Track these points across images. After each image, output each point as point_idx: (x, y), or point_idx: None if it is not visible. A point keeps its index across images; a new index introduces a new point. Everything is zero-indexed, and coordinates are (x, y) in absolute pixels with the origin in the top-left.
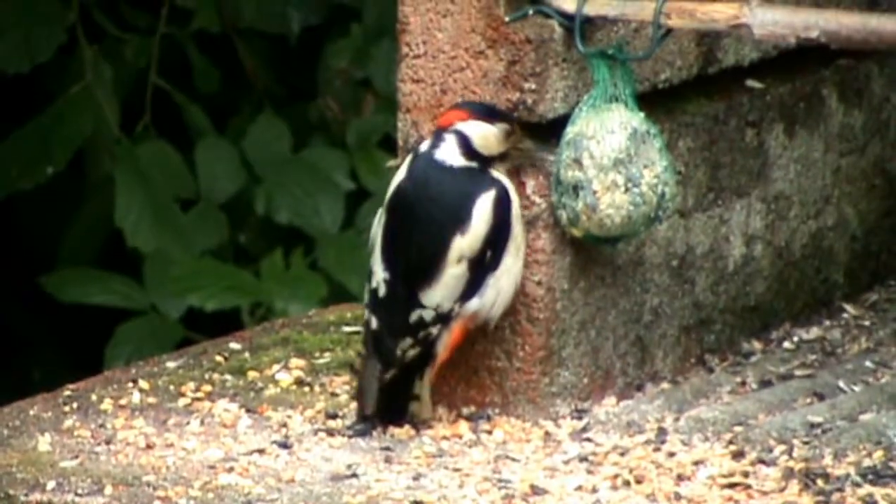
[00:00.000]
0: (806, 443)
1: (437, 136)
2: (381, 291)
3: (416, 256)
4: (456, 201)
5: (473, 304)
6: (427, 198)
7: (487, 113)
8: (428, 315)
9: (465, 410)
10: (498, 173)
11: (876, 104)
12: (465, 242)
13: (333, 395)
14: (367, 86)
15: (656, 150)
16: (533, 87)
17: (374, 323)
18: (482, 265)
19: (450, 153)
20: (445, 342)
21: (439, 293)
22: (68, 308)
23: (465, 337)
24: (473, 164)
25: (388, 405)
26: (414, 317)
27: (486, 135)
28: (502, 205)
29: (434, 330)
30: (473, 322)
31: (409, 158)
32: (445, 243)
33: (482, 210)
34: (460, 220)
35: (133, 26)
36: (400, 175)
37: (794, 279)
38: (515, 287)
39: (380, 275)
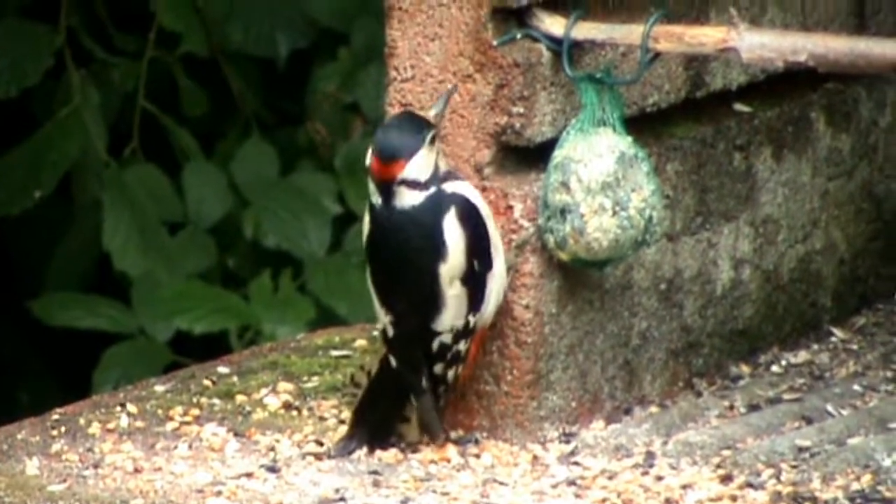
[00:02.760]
0: (794, 466)
1: (386, 192)
2: (390, 332)
3: (413, 297)
4: (426, 235)
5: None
6: (400, 243)
7: (410, 137)
8: (447, 338)
9: (453, 434)
10: (450, 184)
11: (864, 128)
12: (450, 266)
13: (321, 419)
14: (355, 110)
15: (644, 173)
16: (521, 110)
17: (392, 362)
18: (474, 276)
19: (406, 200)
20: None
21: (448, 316)
22: (56, 332)
23: (480, 347)
24: (428, 192)
25: (375, 428)
26: (436, 345)
27: (424, 159)
28: (467, 217)
29: (462, 346)
30: (479, 333)
31: (367, 208)
32: (433, 275)
33: (452, 231)
34: (436, 248)
35: (121, 50)
36: (365, 226)
37: (781, 303)
38: (502, 286)
39: (383, 319)
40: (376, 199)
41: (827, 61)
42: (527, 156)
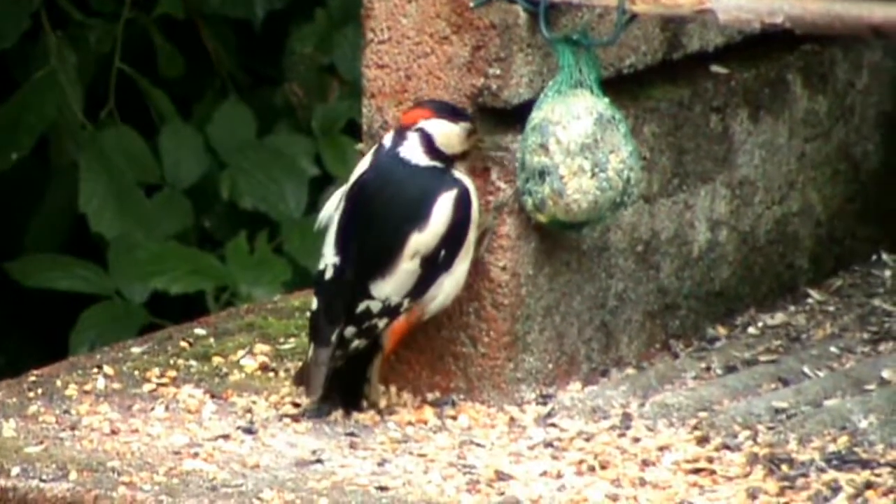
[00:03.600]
0: (770, 428)
1: (400, 135)
2: (328, 274)
3: (371, 247)
4: (417, 198)
5: (423, 300)
6: (389, 192)
7: (450, 112)
8: (375, 306)
9: (429, 396)
10: (460, 174)
11: (840, 90)
12: (423, 239)
13: None
14: (331, 71)
15: (621, 135)
16: (498, 72)
17: (314, 304)
18: (435, 264)
19: (413, 151)
20: (389, 335)
21: (390, 286)
22: (33, 294)
23: (408, 331)
24: (436, 164)
25: (343, 391)
26: (361, 307)
27: (448, 133)
28: (462, 205)
29: (381, 322)
30: (414, 317)
31: (372, 150)
32: (402, 238)
33: (442, 208)
34: (420, 216)
35: (97, 12)
36: (363, 166)
37: (758, 265)
38: (457, 289)
39: (329, 258)
40: (388, 142)
41: (804, 23)
42: (504, 117)
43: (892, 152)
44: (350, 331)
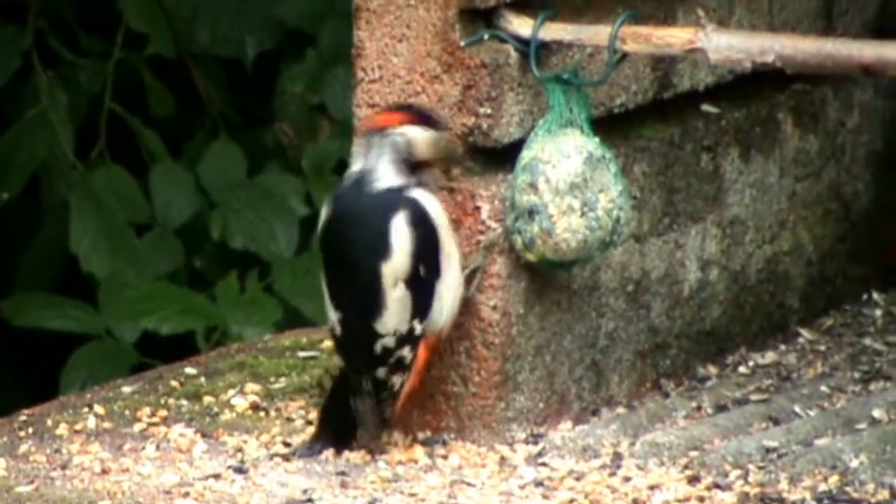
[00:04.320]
0: (761, 467)
1: (370, 141)
2: (337, 331)
3: (355, 290)
4: (372, 231)
5: (431, 317)
6: (347, 235)
7: (422, 117)
8: (390, 342)
9: (420, 435)
10: (415, 191)
11: (831, 129)
12: (393, 266)
13: (289, 419)
14: (322, 111)
15: (612, 174)
16: (488, 111)
17: (338, 361)
18: (420, 281)
19: (379, 160)
20: (414, 365)
21: (391, 319)
22: (23, 333)
23: (431, 357)
24: (397, 183)
25: (334, 430)
26: (378, 348)
27: (419, 140)
28: (417, 220)
29: (405, 351)
30: (431, 341)
31: (329, 196)
32: (376, 273)
33: (397, 231)
34: (381, 246)
35: (88, 52)
36: (324, 212)
37: (749, 304)
38: (456, 297)
39: (332, 316)
40: (359, 160)
41: (794, 62)
42: (494, 156)
43: (882, 191)
44: (382, 372)
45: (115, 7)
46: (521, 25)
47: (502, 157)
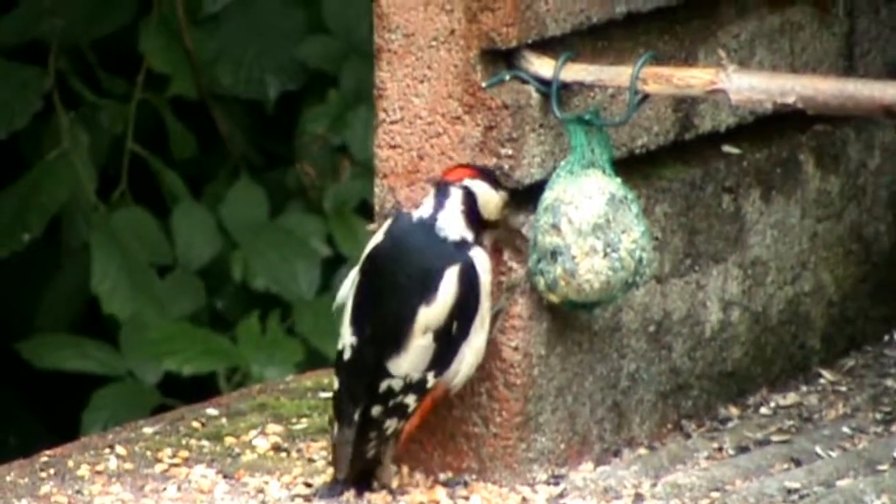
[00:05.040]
0: None
1: (442, 191)
2: (346, 355)
3: (383, 323)
4: (424, 270)
5: (447, 374)
6: (399, 263)
7: (493, 178)
8: (397, 385)
9: (441, 476)
10: (474, 249)
11: (852, 170)
12: (431, 314)
13: (310, 460)
14: (343, 151)
15: (633, 215)
16: (510, 152)
17: (335, 384)
18: (449, 337)
19: (451, 211)
20: (416, 412)
21: (406, 363)
22: (44, 374)
23: (433, 408)
24: (463, 236)
25: (360, 470)
26: (383, 386)
27: (490, 198)
28: (468, 278)
29: (409, 399)
30: (439, 392)
31: (389, 221)
32: (412, 312)
33: (448, 282)
34: (427, 289)
35: (109, 93)
36: (378, 236)
37: (770, 345)
38: (478, 359)
39: (346, 339)
40: (428, 205)
41: (815, 103)
42: (516, 198)
43: None
44: (377, 410)
45: (137, 48)
46: (543, 66)
47: (524, 198)
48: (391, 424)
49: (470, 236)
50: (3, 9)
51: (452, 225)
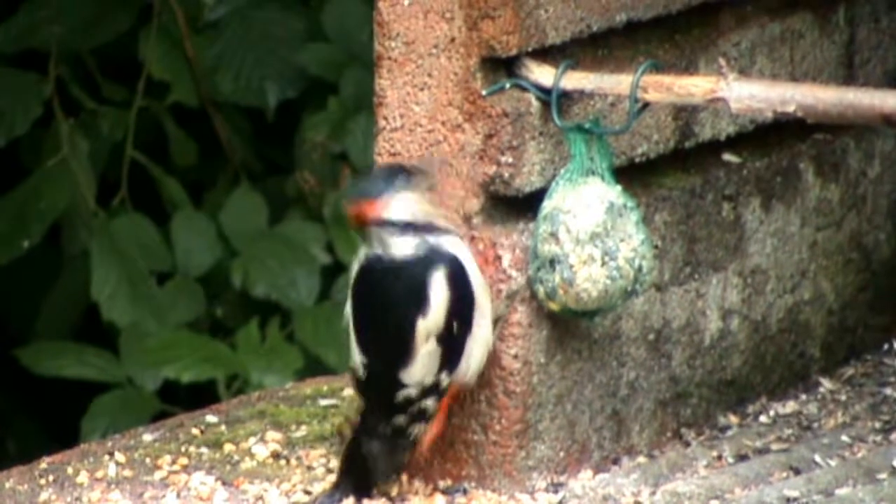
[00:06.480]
0: None
1: (370, 237)
2: (360, 373)
3: (385, 340)
4: (412, 286)
5: (458, 371)
6: (384, 286)
7: (385, 184)
8: (413, 392)
9: (441, 483)
10: (446, 241)
11: (853, 178)
12: (429, 322)
13: (310, 468)
14: (344, 159)
15: (633, 223)
16: (510, 160)
17: (359, 403)
18: (452, 337)
19: (393, 245)
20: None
21: (418, 371)
22: (44, 381)
23: (454, 403)
24: (419, 242)
25: (355, 479)
26: (400, 396)
27: (412, 206)
28: (455, 278)
29: (428, 403)
30: (454, 390)
31: (361, 251)
32: (411, 325)
33: (437, 287)
34: (418, 301)
35: (109, 100)
36: (360, 255)
37: (770, 353)
38: (486, 349)
39: (356, 358)
40: (371, 246)
41: (816, 112)
42: (516, 206)
43: None
44: (401, 420)
45: (137, 55)
46: (543, 74)
47: (524, 207)
48: (417, 430)
49: (425, 240)
50: (2, 15)
51: (402, 249)
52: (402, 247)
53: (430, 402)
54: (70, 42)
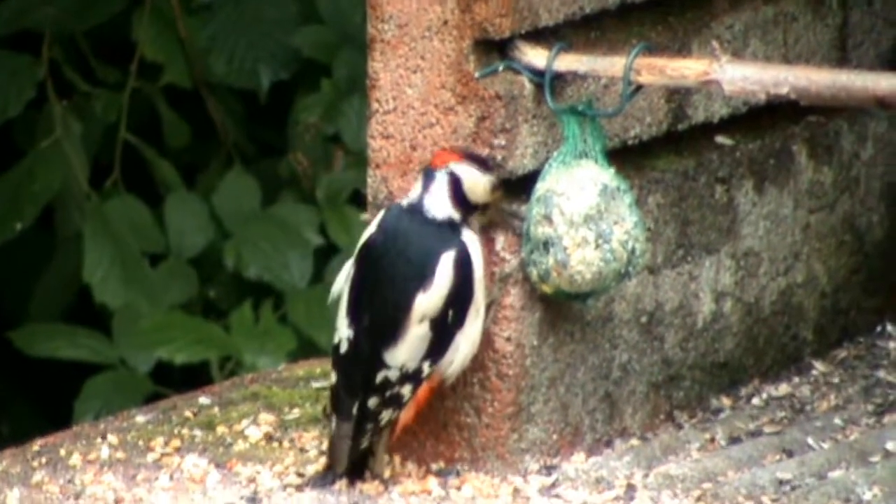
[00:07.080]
0: (775, 500)
1: (428, 175)
2: (343, 348)
3: (380, 313)
4: (420, 256)
5: (441, 363)
6: (395, 251)
7: (480, 161)
8: (393, 375)
9: (434, 466)
10: (466, 233)
11: (845, 161)
12: (427, 300)
13: (302, 450)
14: (336, 141)
15: (626, 206)
16: (503, 143)
17: (333, 377)
18: (445, 325)
19: (438, 194)
20: (412, 403)
21: (403, 353)
22: (37, 363)
23: (430, 397)
24: (451, 215)
25: (355, 461)
26: (379, 377)
27: (476, 181)
28: (463, 265)
29: (404, 390)
30: (435, 382)
31: (381, 213)
32: (409, 300)
33: (444, 268)
34: (423, 274)
35: (102, 82)
36: (371, 227)
37: (763, 336)
38: (473, 349)
39: (343, 332)
40: (416, 190)
41: (809, 94)
42: (509, 188)
43: None
44: (373, 402)
45: (130, 37)
46: (536, 57)
47: (517, 189)
48: (386, 415)
49: (457, 216)
50: None
51: (438, 206)
52: (442, 207)
53: (406, 389)
54: (63, 24)
